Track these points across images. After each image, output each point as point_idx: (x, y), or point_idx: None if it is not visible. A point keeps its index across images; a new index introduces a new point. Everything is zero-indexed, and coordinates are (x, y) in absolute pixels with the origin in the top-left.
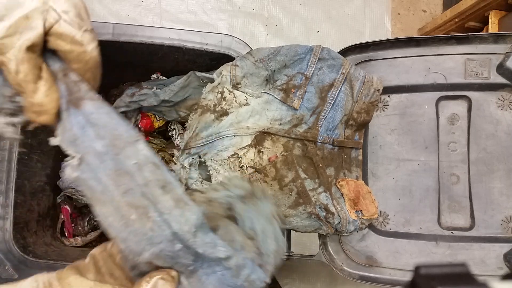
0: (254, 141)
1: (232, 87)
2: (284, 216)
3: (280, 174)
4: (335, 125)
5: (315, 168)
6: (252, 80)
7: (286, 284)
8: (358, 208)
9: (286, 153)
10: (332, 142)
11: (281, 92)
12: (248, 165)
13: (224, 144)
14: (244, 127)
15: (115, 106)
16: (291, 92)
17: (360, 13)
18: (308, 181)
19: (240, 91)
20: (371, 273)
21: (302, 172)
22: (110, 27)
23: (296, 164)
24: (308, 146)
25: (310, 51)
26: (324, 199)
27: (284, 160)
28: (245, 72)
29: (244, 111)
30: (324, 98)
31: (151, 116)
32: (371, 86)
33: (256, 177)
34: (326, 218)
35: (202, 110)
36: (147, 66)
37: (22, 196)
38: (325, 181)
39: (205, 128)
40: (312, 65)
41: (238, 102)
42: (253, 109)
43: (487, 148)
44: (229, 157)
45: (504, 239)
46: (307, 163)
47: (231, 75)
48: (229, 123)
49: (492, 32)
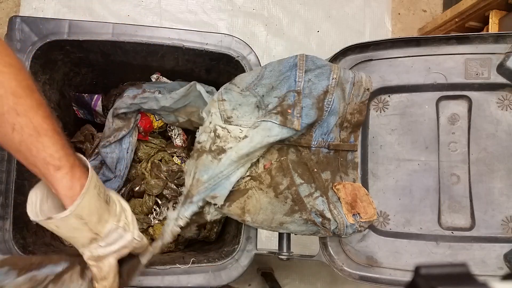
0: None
1: (224, 122)
2: (281, 223)
3: (275, 181)
4: (330, 129)
5: (310, 173)
6: (242, 110)
7: (286, 284)
8: (355, 212)
9: (281, 158)
10: (327, 146)
11: (277, 115)
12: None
13: (231, 181)
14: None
15: (116, 107)
16: (288, 113)
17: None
18: (304, 186)
19: (233, 125)
20: (371, 273)
21: (298, 178)
22: (110, 27)
23: (291, 169)
24: (302, 152)
25: (294, 66)
26: (320, 204)
27: (279, 166)
28: (233, 104)
29: (244, 144)
30: (322, 108)
31: (150, 116)
32: (360, 86)
33: (251, 184)
34: (323, 224)
35: (198, 153)
36: (147, 66)
37: (22, 196)
38: (321, 186)
39: (205, 171)
40: (300, 80)
41: (233, 137)
42: (252, 140)
43: (488, 148)
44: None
45: (504, 239)
46: (303, 168)
47: (220, 110)
48: (229, 161)
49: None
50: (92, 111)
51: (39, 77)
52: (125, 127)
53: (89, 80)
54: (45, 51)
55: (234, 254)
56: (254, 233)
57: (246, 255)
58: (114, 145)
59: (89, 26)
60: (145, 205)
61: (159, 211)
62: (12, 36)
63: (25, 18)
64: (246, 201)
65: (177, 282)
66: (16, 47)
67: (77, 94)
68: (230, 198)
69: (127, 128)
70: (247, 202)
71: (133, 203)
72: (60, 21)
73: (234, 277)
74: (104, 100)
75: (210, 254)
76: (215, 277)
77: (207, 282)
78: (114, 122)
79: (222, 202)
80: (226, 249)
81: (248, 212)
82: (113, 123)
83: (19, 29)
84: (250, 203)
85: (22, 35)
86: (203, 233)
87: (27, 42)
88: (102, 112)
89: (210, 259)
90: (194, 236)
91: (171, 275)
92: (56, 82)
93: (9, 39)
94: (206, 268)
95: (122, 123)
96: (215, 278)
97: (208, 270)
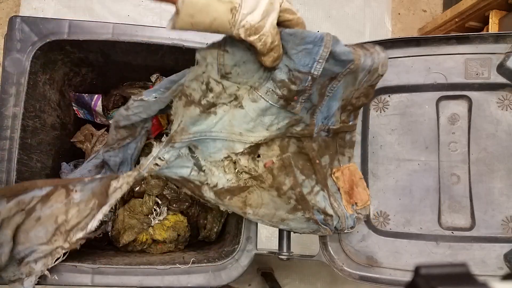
0: (248, 150)
1: (220, 77)
2: (282, 219)
3: (278, 181)
4: (332, 114)
5: (311, 164)
6: (245, 68)
7: (286, 284)
8: (353, 201)
9: (283, 155)
10: (327, 130)
11: (280, 99)
12: (242, 170)
13: (216, 145)
14: (236, 133)
15: (116, 120)
16: (294, 100)
17: (360, 13)
18: (306, 182)
19: (230, 82)
20: (371, 273)
21: (300, 174)
22: (110, 27)
23: (293, 166)
24: (303, 141)
25: (320, 42)
26: (322, 201)
27: (281, 165)
28: (236, 60)
29: (238, 115)
30: (323, 93)
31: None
32: (375, 72)
33: (251, 183)
34: (325, 220)
35: (186, 101)
36: (147, 66)
37: None
38: (322, 178)
39: (192, 123)
40: (321, 61)
41: (228, 93)
42: (247, 115)
43: (488, 148)
44: (223, 159)
45: (504, 239)
46: (303, 159)
47: (218, 63)
48: (220, 125)
49: (492, 32)
50: (92, 111)
51: (39, 77)
52: (130, 136)
53: (89, 80)
54: (45, 51)
55: (234, 254)
56: (254, 233)
57: (246, 255)
58: (118, 150)
59: (89, 26)
60: (145, 205)
61: (159, 211)
62: (12, 36)
63: (25, 18)
64: (247, 196)
65: (177, 282)
66: (16, 47)
67: (77, 94)
68: (230, 193)
69: (133, 136)
70: (248, 197)
71: (133, 203)
72: (60, 21)
73: (234, 277)
74: (104, 100)
75: (210, 254)
76: (215, 277)
77: (207, 282)
78: (119, 133)
79: (201, 155)
80: (226, 249)
81: (250, 206)
82: (117, 134)
83: (19, 29)
84: (252, 198)
85: (22, 35)
86: (203, 233)
87: (27, 42)
88: (102, 112)
89: (210, 259)
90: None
91: (171, 275)
92: (56, 82)
93: (9, 39)
94: (206, 268)
95: (128, 132)
96: (215, 278)
97: (208, 270)
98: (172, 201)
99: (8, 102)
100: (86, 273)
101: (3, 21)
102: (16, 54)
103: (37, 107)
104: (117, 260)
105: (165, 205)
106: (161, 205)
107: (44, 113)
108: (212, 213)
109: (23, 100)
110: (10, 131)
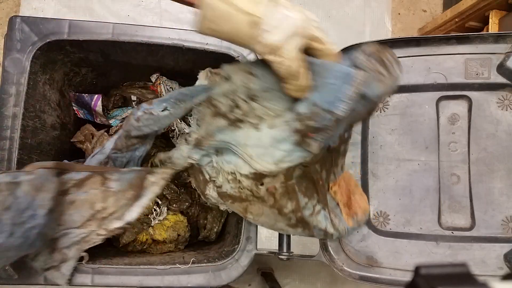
0: (252, 176)
1: (248, 98)
2: (282, 229)
3: (280, 204)
4: (336, 136)
5: (314, 185)
6: (274, 95)
7: (286, 284)
8: (352, 212)
9: (287, 182)
10: (327, 148)
11: (295, 134)
12: (244, 188)
13: (230, 158)
14: (248, 153)
15: (126, 130)
16: (309, 137)
17: (360, 13)
18: (308, 204)
19: (258, 104)
20: (371, 273)
21: (302, 197)
22: (110, 27)
23: (297, 191)
24: (310, 166)
25: (349, 80)
26: (323, 220)
27: (284, 191)
28: (266, 87)
29: (253, 136)
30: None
31: None
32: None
33: (253, 199)
34: (325, 236)
35: (214, 111)
36: (147, 66)
37: None
38: (323, 196)
39: (219, 131)
40: (350, 102)
41: (257, 115)
42: (260, 139)
43: (488, 148)
44: (229, 173)
45: (504, 239)
46: (307, 181)
47: (245, 85)
48: (237, 141)
49: (492, 32)
50: (92, 111)
51: (39, 77)
52: (139, 143)
53: (89, 80)
54: (45, 51)
55: (234, 254)
56: (254, 233)
57: (246, 255)
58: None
59: (89, 26)
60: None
61: (159, 211)
62: (12, 36)
63: (25, 18)
64: (248, 206)
65: (177, 282)
66: (16, 47)
67: (77, 94)
68: (232, 198)
69: (142, 143)
70: (249, 206)
71: None
72: (60, 21)
73: (234, 277)
74: (104, 100)
75: (210, 254)
76: (215, 277)
77: (207, 282)
78: (130, 141)
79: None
80: (226, 249)
81: (251, 213)
82: (128, 142)
83: (19, 29)
84: (253, 208)
85: (22, 35)
86: (203, 233)
87: (27, 42)
88: (102, 112)
89: (210, 259)
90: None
91: (171, 275)
92: (56, 82)
93: (9, 39)
94: (206, 268)
95: (139, 141)
96: (215, 278)
97: (208, 270)
98: (172, 201)
99: (8, 102)
100: (86, 273)
101: (3, 21)
102: (16, 54)
103: (37, 107)
104: (117, 260)
105: (165, 205)
106: (161, 205)
107: (44, 113)
108: (212, 213)
109: (23, 100)
110: (10, 131)
